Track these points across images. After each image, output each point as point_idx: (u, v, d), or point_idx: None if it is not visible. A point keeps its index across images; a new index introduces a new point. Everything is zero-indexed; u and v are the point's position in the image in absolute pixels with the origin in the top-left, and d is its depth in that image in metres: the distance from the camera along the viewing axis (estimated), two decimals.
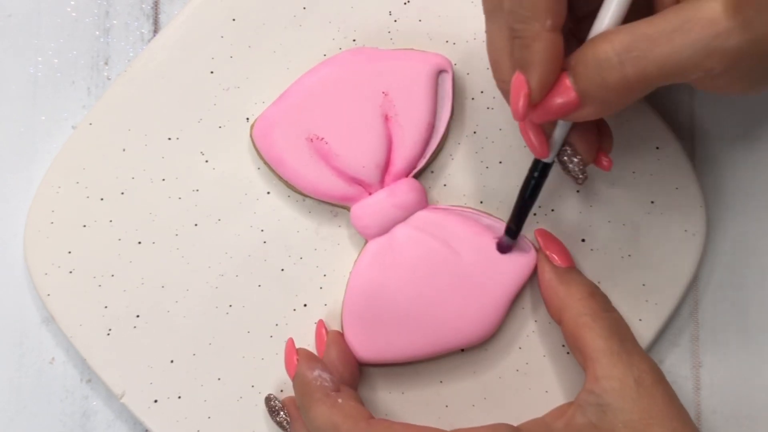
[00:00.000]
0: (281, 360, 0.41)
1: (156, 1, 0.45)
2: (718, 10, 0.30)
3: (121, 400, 0.42)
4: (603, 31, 0.33)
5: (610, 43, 0.31)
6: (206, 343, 0.42)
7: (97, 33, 0.45)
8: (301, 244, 0.42)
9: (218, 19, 0.43)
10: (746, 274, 0.44)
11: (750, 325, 0.43)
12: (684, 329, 0.44)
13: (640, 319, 0.42)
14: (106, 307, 0.42)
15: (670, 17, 0.31)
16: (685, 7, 0.30)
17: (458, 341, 0.40)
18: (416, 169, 0.41)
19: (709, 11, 0.30)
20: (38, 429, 0.44)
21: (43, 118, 0.45)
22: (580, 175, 0.38)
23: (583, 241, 0.42)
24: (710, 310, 0.44)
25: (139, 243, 0.42)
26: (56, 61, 0.45)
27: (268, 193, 0.42)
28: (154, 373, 0.42)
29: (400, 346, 0.40)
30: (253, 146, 0.42)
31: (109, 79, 0.45)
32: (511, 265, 0.40)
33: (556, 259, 0.40)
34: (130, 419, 0.44)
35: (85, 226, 0.42)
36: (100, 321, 0.42)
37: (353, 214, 0.41)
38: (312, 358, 0.39)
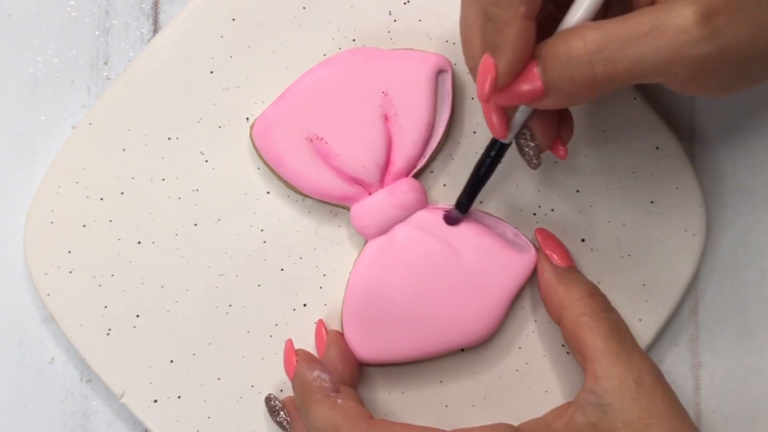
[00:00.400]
0: (281, 360, 0.41)
1: (156, 1, 0.45)
2: (690, 18, 0.30)
3: (121, 400, 0.42)
4: (576, 24, 0.33)
5: (582, 41, 0.31)
6: (206, 343, 0.42)
7: (97, 33, 0.45)
8: (301, 244, 0.42)
9: (218, 19, 0.43)
10: (746, 274, 0.44)
11: (750, 325, 0.43)
12: (684, 329, 0.44)
13: (640, 319, 0.42)
14: (106, 307, 0.42)
15: (643, 20, 0.31)
16: (658, 11, 0.31)
17: (458, 341, 0.40)
18: (416, 169, 0.41)
19: (681, 18, 0.30)
20: (38, 429, 0.44)
21: (43, 118, 0.45)
22: (534, 160, 0.38)
23: (583, 241, 0.42)
24: (710, 310, 0.44)
25: (139, 243, 0.42)
26: (56, 61, 0.45)
27: (268, 193, 0.42)
28: (154, 373, 0.42)
29: (400, 346, 0.40)
30: (253, 146, 0.42)
31: (109, 79, 0.45)
32: (512, 265, 0.40)
33: (556, 259, 0.40)
34: (130, 419, 0.44)
35: (85, 226, 0.42)
36: (100, 321, 0.42)
37: (353, 214, 0.41)
38: (311, 359, 0.39)
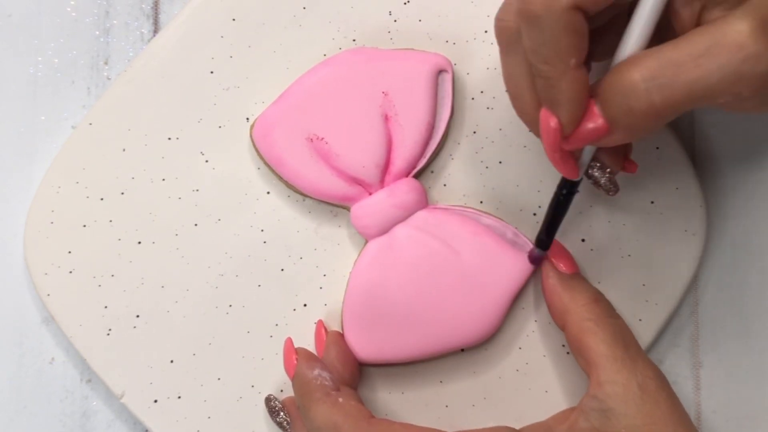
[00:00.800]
0: (281, 360, 0.41)
1: (156, 1, 0.45)
2: (745, 33, 0.29)
3: (121, 400, 0.42)
4: (628, 56, 0.32)
5: (637, 70, 0.30)
6: (206, 343, 0.42)
7: (97, 33, 0.45)
8: (301, 244, 0.42)
9: (218, 19, 0.43)
10: (746, 274, 0.44)
11: (750, 325, 0.43)
12: (684, 329, 0.44)
13: (640, 319, 0.42)
14: (106, 307, 0.42)
15: (696, 40, 0.30)
16: (711, 30, 0.30)
17: (458, 341, 0.40)
18: (416, 169, 0.41)
19: (736, 35, 0.29)
20: (38, 429, 0.44)
21: (43, 118, 0.45)
22: (613, 188, 0.37)
23: (583, 241, 0.42)
24: (710, 310, 0.44)
25: (139, 243, 0.42)
26: (56, 61, 0.45)
27: (268, 193, 0.42)
28: (154, 373, 0.42)
29: (400, 346, 0.40)
30: (253, 146, 0.42)
31: (109, 79, 0.45)
32: (512, 265, 0.40)
33: (562, 266, 0.40)
34: (130, 419, 0.44)
35: (85, 226, 0.42)
36: (100, 321, 0.42)
37: (353, 214, 0.41)
38: (311, 358, 0.39)
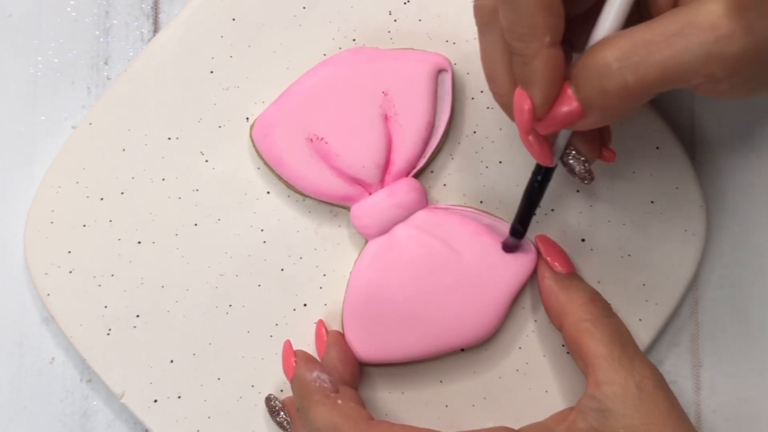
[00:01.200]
0: (281, 360, 0.41)
1: (156, 1, 0.45)
2: (719, 14, 0.29)
3: (121, 400, 0.42)
4: (602, 37, 0.32)
5: (610, 50, 0.31)
6: (206, 343, 0.42)
7: (97, 33, 0.45)
8: (301, 244, 0.42)
9: (218, 19, 0.43)
10: (746, 274, 0.44)
11: (750, 325, 0.43)
12: (684, 329, 0.44)
13: (640, 319, 0.42)
14: (106, 307, 0.42)
15: (670, 21, 0.30)
16: (685, 10, 0.30)
17: (459, 341, 0.40)
18: (416, 169, 0.41)
19: (710, 15, 0.29)
20: (38, 429, 0.44)
21: (43, 118, 0.45)
22: (587, 176, 0.37)
23: (583, 241, 0.42)
24: (710, 310, 0.44)
25: (139, 243, 0.42)
26: (56, 61, 0.45)
27: (268, 193, 0.42)
28: (154, 373, 0.42)
29: (401, 346, 0.40)
30: (253, 146, 0.42)
31: (109, 79, 0.45)
32: (512, 265, 0.40)
33: (557, 266, 0.40)
34: (130, 419, 0.44)
35: (85, 226, 0.42)
36: (100, 321, 0.42)
37: (353, 214, 0.41)
38: (310, 360, 0.39)
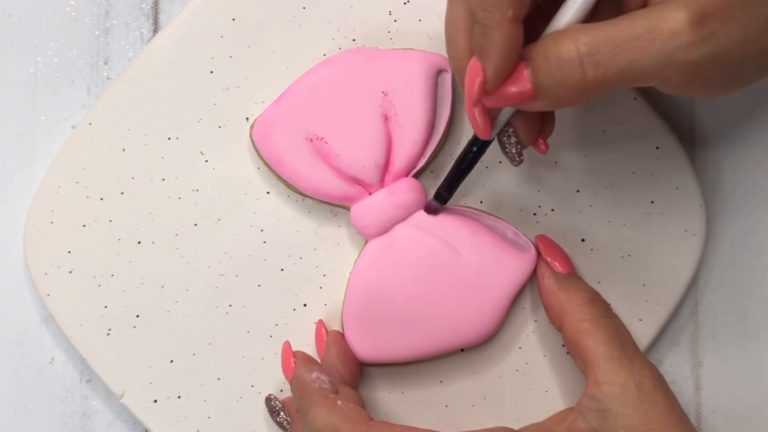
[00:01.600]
0: (281, 360, 0.41)
1: (156, 1, 0.45)
2: (682, 22, 0.30)
3: (121, 400, 0.42)
4: (566, 25, 0.33)
5: (573, 43, 0.31)
6: (206, 343, 0.42)
7: (97, 33, 0.45)
8: (301, 244, 0.42)
9: (218, 19, 0.43)
10: (746, 274, 0.44)
11: (750, 325, 0.43)
12: (684, 329, 0.44)
13: (640, 319, 0.41)
14: (106, 307, 0.42)
15: (636, 23, 0.30)
16: (651, 14, 0.30)
17: (459, 341, 0.40)
18: (416, 169, 0.41)
19: (674, 22, 0.30)
20: (38, 429, 0.44)
21: (43, 118, 0.45)
22: (517, 158, 0.38)
23: (583, 241, 0.42)
24: (710, 310, 0.44)
25: (139, 243, 0.42)
26: (56, 61, 0.45)
27: (268, 193, 0.42)
28: (154, 373, 0.42)
29: (401, 346, 0.40)
30: (253, 146, 0.42)
31: (109, 79, 0.45)
32: (512, 265, 0.40)
33: (557, 266, 0.40)
34: (130, 419, 0.44)
35: (85, 226, 0.42)
36: (100, 321, 0.42)
37: (353, 214, 0.41)
38: (310, 361, 0.39)
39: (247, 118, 0.42)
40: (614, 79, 0.31)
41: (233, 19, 0.43)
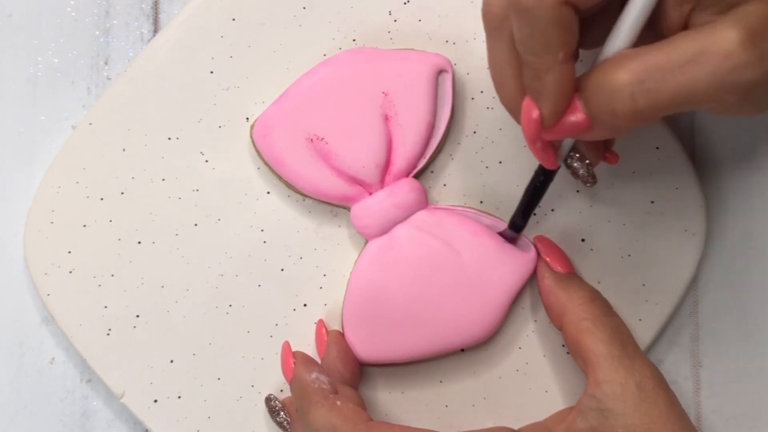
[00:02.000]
0: (280, 360, 0.41)
1: (156, 1, 0.45)
2: (734, 42, 0.29)
3: (121, 400, 0.42)
4: (615, 53, 0.32)
5: (623, 72, 0.30)
6: (206, 343, 0.42)
7: (97, 33, 0.45)
8: (301, 244, 0.42)
9: (218, 19, 0.43)
10: (746, 274, 0.44)
11: (750, 325, 0.43)
12: (684, 329, 0.44)
13: (640, 319, 0.42)
14: (106, 307, 0.42)
15: (684, 45, 0.29)
16: (699, 36, 0.29)
17: (459, 341, 0.40)
18: (416, 169, 0.41)
19: (725, 43, 0.29)
20: (38, 429, 0.44)
21: (43, 118, 0.45)
22: (590, 180, 0.37)
23: (583, 241, 0.42)
24: (710, 310, 0.44)
25: (139, 243, 0.42)
26: (56, 61, 0.45)
27: (268, 193, 0.42)
28: (154, 373, 0.42)
29: (401, 346, 0.40)
30: (254, 146, 0.42)
31: (109, 79, 0.45)
32: (512, 265, 0.40)
33: (557, 266, 0.40)
34: (130, 419, 0.44)
35: (85, 226, 0.42)
36: (100, 321, 0.42)
37: (353, 214, 0.41)
38: (309, 361, 0.39)
39: (247, 118, 0.42)
40: (667, 105, 0.30)
41: (233, 19, 0.43)
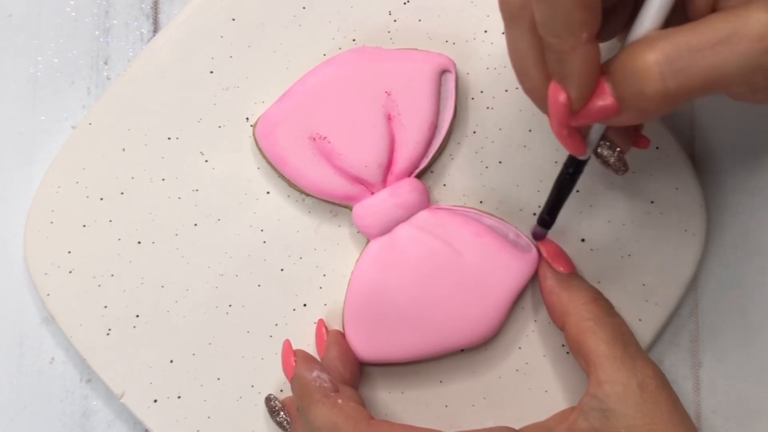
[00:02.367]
0: (281, 360, 0.41)
1: (156, 1, 0.45)
2: (767, 23, 0.28)
3: (121, 400, 0.41)
4: (643, 35, 0.31)
5: (652, 52, 0.30)
6: (206, 343, 0.42)
7: (97, 33, 0.45)
8: (301, 244, 0.42)
9: (218, 19, 0.43)
10: (746, 274, 0.44)
11: (750, 325, 0.43)
12: (684, 329, 0.44)
13: (640, 319, 0.42)
14: (106, 307, 0.42)
15: (716, 27, 0.29)
16: (731, 17, 0.29)
17: (459, 342, 0.40)
18: (418, 169, 0.41)
19: (758, 25, 0.28)
20: (38, 429, 0.44)
21: (43, 118, 0.45)
22: (622, 167, 0.37)
23: (583, 241, 0.42)
24: (710, 310, 0.44)
25: (139, 243, 0.42)
26: (56, 61, 0.45)
27: (268, 192, 0.42)
28: (154, 373, 0.42)
29: (401, 346, 0.40)
30: (256, 145, 0.42)
31: (109, 79, 0.45)
32: (513, 266, 0.40)
33: (558, 266, 0.40)
34: (130, 419, 0.44)
35: (85, 226, 0.42)
36: (100, 321, 0.42)
37: (355, 213, 0.41)
38: (310, 359, 0.39)
39: (248, 118, 0.42)
40: (698, 87, 0.29)
41: (233, 19, 0.43)
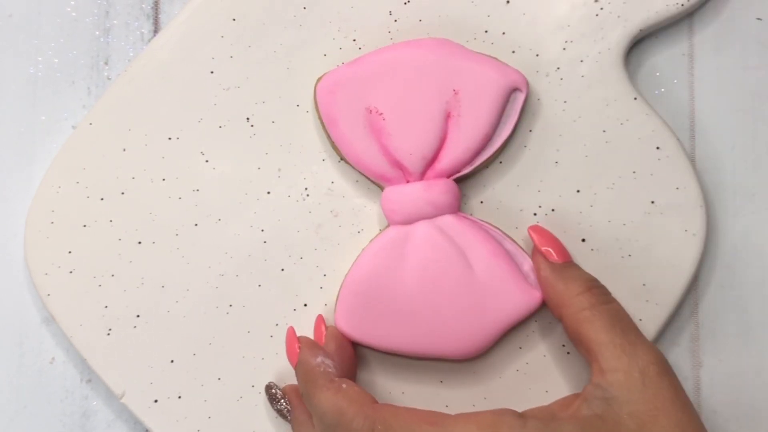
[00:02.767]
0: (281, 360, 0.41)
1: (156, 1, 0.46)
2: None
3: (121, 400, 0.42)
4: None
5: None
6: (206, 343, 0.42)
7: (97, 33, 0.45)
8: (301, 244, 0.42)
9: (218, 19, 0.43)
10: (746, 274, 0.44)
11: (750, 325, 0.43)
12: (684, 329, 0.44)
13: (640, 319, 0.41)
14: (106, 307, 0.42)
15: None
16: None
17: (442, 351, 0.40)
18: (459, 174, 0.41)
19: None
20: (38, 429, 0.44)
21: (43, 118, 0.45)
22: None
23: (583, 241, 0.42)
24: (710, 310, 0.44)
25: (139, 243, 0.42)
26: (56, 61, 0.45)
27: (268, 193, 0.42)
28: (154, 373, 0.42)
29: (384, 336, 0.40)
30: (314, 102, 0.41)
31: (109, 79, 0.45)
32: (518, 298, 0.39)
33: (553, 255, 0.40)
34: (130, 419, 0.44)
35: (85, 226, 0.42)
36: (100, 321, 0.42)
37: (385, 195, 0.41)
38: (314, 345, 0.39)
39: (248, 118, 0.42)
40: None
41: (233, 19, 0.43)
